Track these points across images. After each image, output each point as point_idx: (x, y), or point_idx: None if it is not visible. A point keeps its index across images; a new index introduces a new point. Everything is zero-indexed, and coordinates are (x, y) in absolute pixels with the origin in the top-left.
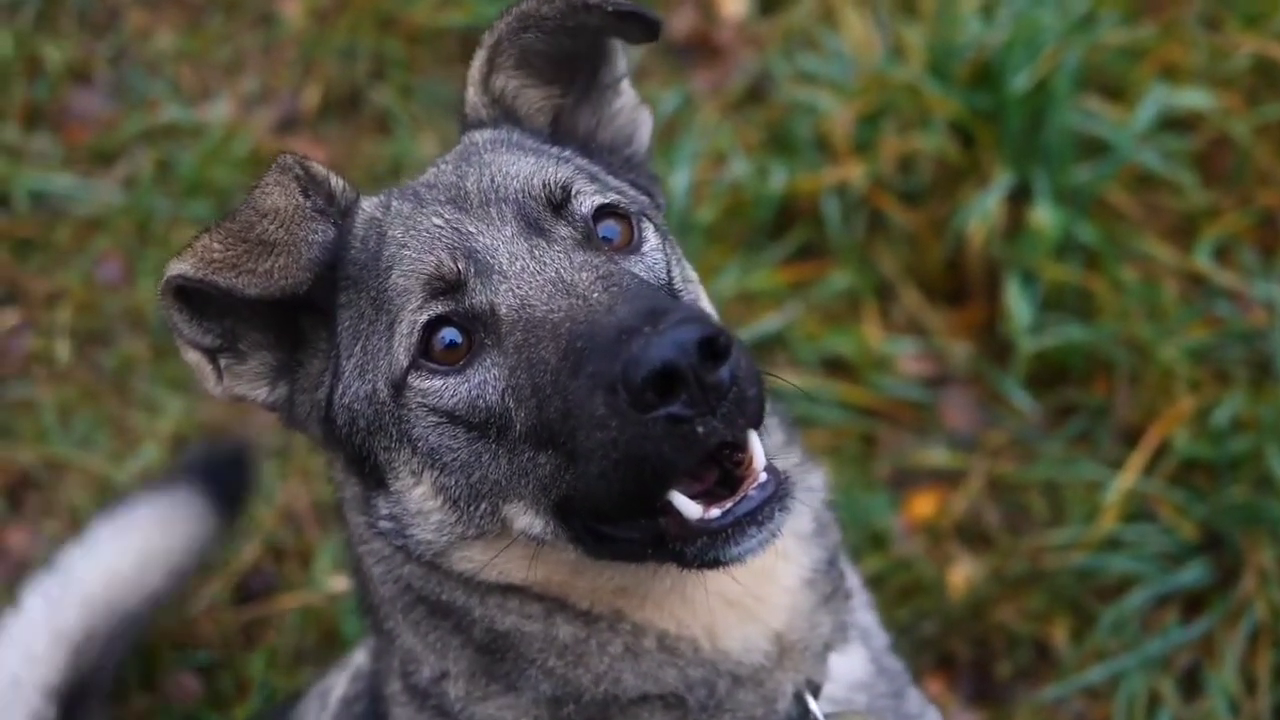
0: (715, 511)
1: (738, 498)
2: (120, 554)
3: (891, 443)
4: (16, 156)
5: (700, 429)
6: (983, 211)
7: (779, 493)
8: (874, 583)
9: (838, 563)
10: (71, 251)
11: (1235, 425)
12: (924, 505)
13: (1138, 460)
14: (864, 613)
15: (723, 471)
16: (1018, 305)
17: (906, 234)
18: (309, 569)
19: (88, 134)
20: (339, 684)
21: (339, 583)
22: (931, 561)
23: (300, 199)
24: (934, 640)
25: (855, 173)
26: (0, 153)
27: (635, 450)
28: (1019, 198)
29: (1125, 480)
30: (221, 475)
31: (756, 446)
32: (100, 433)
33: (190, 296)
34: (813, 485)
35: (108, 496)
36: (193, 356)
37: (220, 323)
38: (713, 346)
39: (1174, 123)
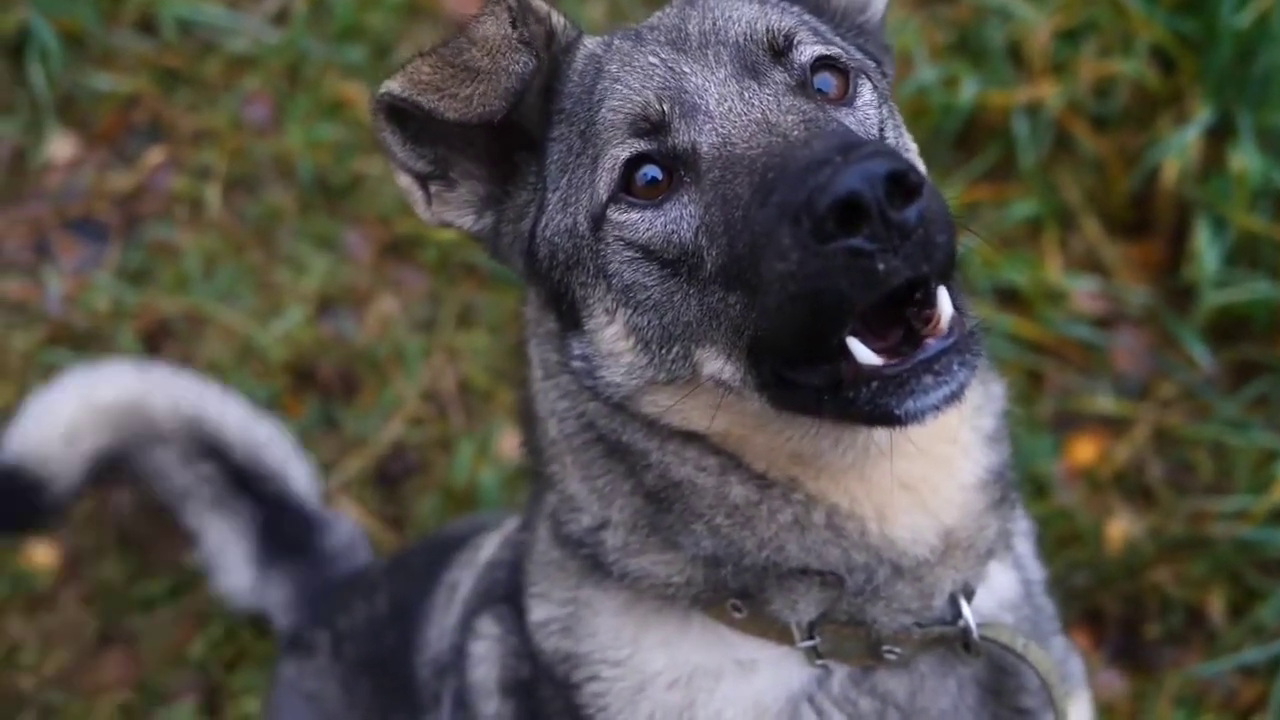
0: (893, 362)
1: (917, 350)
2: None
3: (1057, 382)
4: None
5: (881, 266)
6: (1179, 147)
7: (958, 345)
8: None
9: (1009, 473)
10: (219, 89)
11: None
12: (1085, 450)
13: None
14: (1022, 542)
15: (908, 330)
16: (1207, 253)
17: (1094, 161)
18: (451, 454)
19: None
20: (489, 545)
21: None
22: (1090, 512)
23: (509, 29)
24: (1084, 593)
25: (1050, 92)
26: None
27: (813, 283)
28: (1217, 135)
29: None
30: None
31: (945, 303)
32: (243, 286)
33: (405, 120)
34: (994, 393)
35: (249, 356)
36: (404, 180)
37: (433, 149)
38: (903, 182)
39: None
